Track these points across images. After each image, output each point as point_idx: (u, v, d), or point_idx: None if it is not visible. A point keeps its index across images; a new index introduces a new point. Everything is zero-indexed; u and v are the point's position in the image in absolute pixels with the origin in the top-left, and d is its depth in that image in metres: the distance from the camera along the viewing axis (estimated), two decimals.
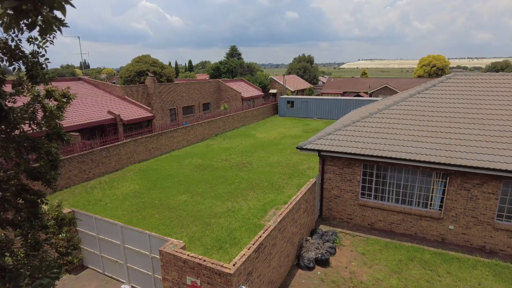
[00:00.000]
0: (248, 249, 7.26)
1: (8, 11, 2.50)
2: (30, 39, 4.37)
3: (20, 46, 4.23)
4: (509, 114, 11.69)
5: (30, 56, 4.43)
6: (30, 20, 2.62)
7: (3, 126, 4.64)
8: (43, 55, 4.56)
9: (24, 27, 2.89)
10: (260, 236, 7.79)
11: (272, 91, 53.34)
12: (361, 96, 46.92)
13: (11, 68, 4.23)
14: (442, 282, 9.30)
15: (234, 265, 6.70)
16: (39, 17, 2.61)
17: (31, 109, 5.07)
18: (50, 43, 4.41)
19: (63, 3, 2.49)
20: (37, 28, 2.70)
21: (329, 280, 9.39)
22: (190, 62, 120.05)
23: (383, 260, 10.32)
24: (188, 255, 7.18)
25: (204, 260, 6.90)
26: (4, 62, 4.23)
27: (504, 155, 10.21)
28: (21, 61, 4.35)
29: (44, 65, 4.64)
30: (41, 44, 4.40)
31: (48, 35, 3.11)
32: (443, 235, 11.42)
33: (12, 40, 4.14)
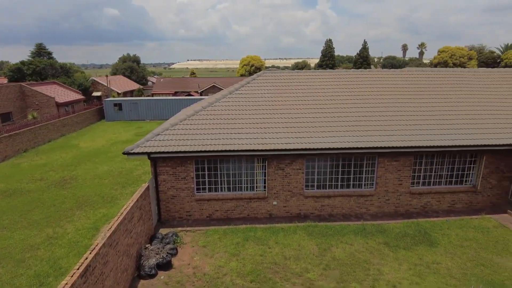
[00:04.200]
0: (72, 276, 6.27)
1: None
2: None
3: None
4: (308, 104, 14.38)
5: None
6: None
7: None
8: None
9: None
10: (87, 258, 6.86)
11: (96, 93, 48.13)
12: (192, 95, 48.23)
13: None
14: (273, 252, 10.65)
15: None
16: None
17: None
18: None
19: None
20: None
21: (174, 282, 9.26)
22: None
23: (223, 247, 10.95)
24: None
25: None
26: None
27: (304, 137, 12.51)
28: None
29: None
30: None
31: None
32: (270, 211, 13.08)
33: None
